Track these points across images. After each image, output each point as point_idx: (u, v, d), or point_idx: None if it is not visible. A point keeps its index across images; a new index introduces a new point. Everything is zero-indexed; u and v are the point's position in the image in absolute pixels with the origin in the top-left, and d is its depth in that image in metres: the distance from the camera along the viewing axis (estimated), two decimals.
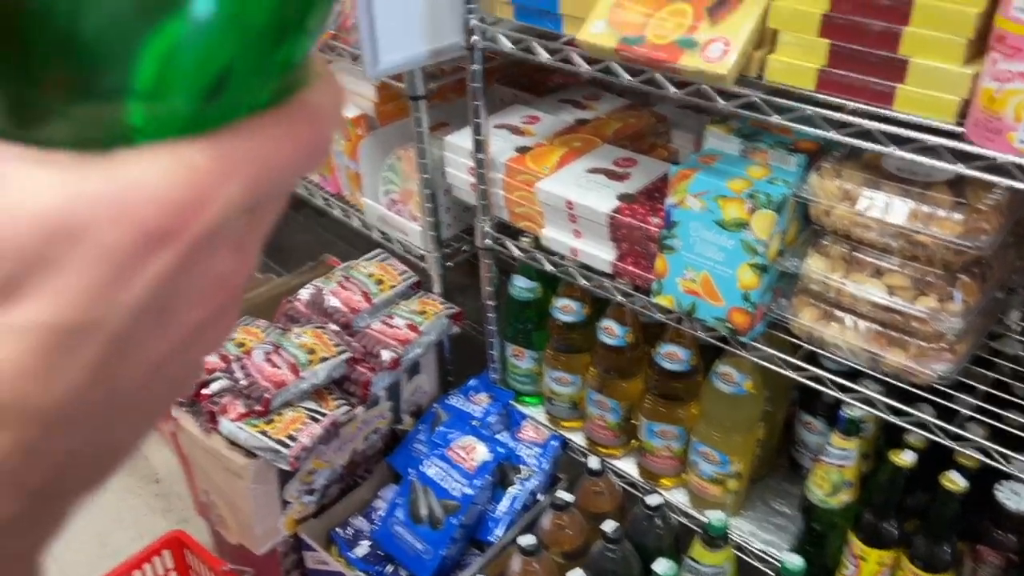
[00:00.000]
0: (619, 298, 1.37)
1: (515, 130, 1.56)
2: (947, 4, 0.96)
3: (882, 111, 1.02)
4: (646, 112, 1.65)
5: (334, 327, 1.59)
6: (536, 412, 1.71)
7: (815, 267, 1.15)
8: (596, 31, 1.19)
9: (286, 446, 1.39)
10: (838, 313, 1.15)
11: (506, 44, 1.33)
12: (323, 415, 1.47)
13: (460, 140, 1.54)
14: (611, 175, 1.42)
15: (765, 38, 1.10)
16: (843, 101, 1.04)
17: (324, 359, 1.50)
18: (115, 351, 0.23)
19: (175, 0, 0.21)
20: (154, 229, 0.22)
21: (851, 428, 1.22)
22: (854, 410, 1.21)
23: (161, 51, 0.22)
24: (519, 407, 1.72)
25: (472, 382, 1.76)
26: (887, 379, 1.15)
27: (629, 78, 1.20)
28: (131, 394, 0.25)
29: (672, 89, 1.16)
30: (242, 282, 0.27)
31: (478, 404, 1.70)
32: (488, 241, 1.56)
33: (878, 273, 1.12)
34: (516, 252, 1.52)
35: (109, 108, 0.22)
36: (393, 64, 1.41)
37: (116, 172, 0.22)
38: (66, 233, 0.21)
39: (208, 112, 0.23)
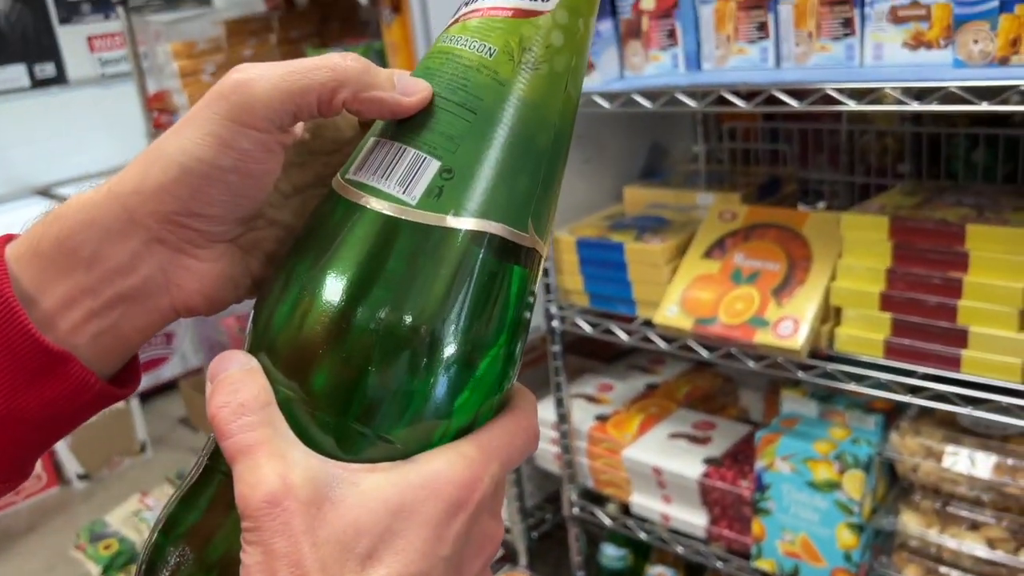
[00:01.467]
0: (716, 563, 1.40)
1: (592, 399, 1.66)
2: (996, 281, 1.07)
3: (952, 375, 1.11)
4: (710, 373, 1.76)
5: None
6: None
7: (911, 524, 1.19)
8: (671, 314, 1.32)
9: None
10: (942, 569, 1.18)
11: (586, 327, 1.46)
12: None
13: (542, 411, 1.63)
14: (693, 439, 1.49)
15: (830, 313, 1.22)
16: (913, 367, 1.14)
17: None
18: None
19: (470, 365, 0.36)
20: (455, 501, 0.35)
21: None
22: None
23: (461, 402, 0.37)
24: None
25: None
26: None
27: (707, 354, 1.31)
28: None
29: (751, 363, 1.26)
30: (500, 538, 0.39)
31: None
32: (576, 510, 1.61)
33: (975, 526, 1.16)
34: (606, 520, 1.57)
35: (424, 430, 0.36)
36: None
37: (423, 468, 0.35)
38: (404, 512, 0.34)
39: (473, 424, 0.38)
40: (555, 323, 1.50)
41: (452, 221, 0.35)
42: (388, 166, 0.37)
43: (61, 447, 2.95)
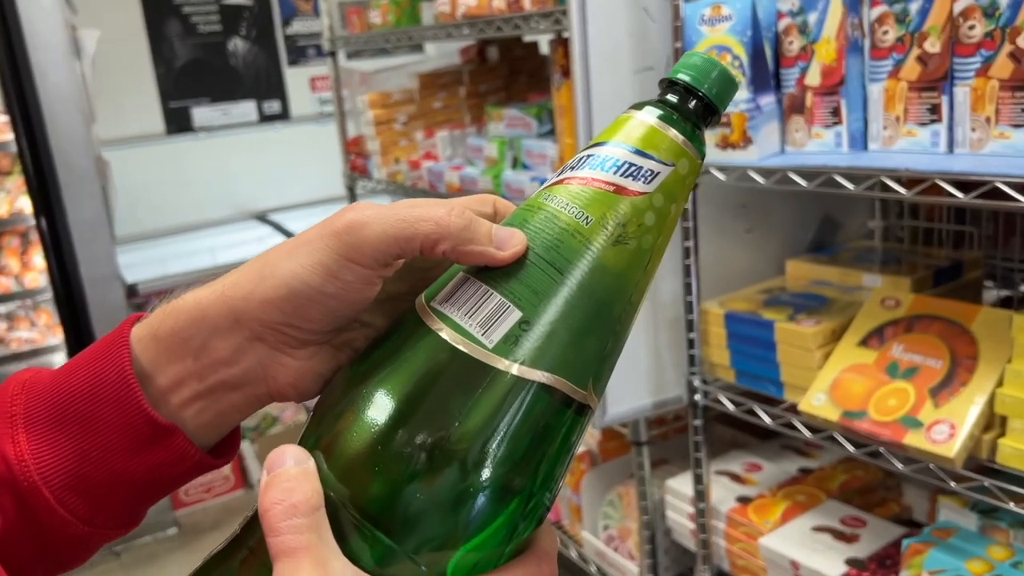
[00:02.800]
0: None
1: (736, 478, 1.60)
2: None
3: None
4: (874, 465, 1.64)
5: None
6: None
7: None
8: (818, 403, 1.25)
9: None
10: None
11: (728, 405, 1.41)
12: None
13: (681, 485, 1.59)
14: (838, 535, 1.40)
15: (994, 421, 1.11)
16: None
17: None
18: None
19: (502, 503, 0.38)
20: None
21: None
22: None
23: (485, 537, 0.38)
24: None
25: None
26: None
27: (853, 449, 1.22)
28: None
29: (899, 465, 1.17)
30: None
31: None
32: None
33: None
34: None
35: (446, 557, 0.38)
36: (619, 416, 1.52)
37: None
38: None
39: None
40: (697, 397, 1.46)
41: (520, 370, 0.38)
42: (473, 305, 0.40)
43: (248, 453, 3.20)
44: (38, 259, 2.95)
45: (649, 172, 0.42)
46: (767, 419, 1.35)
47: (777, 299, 1.45)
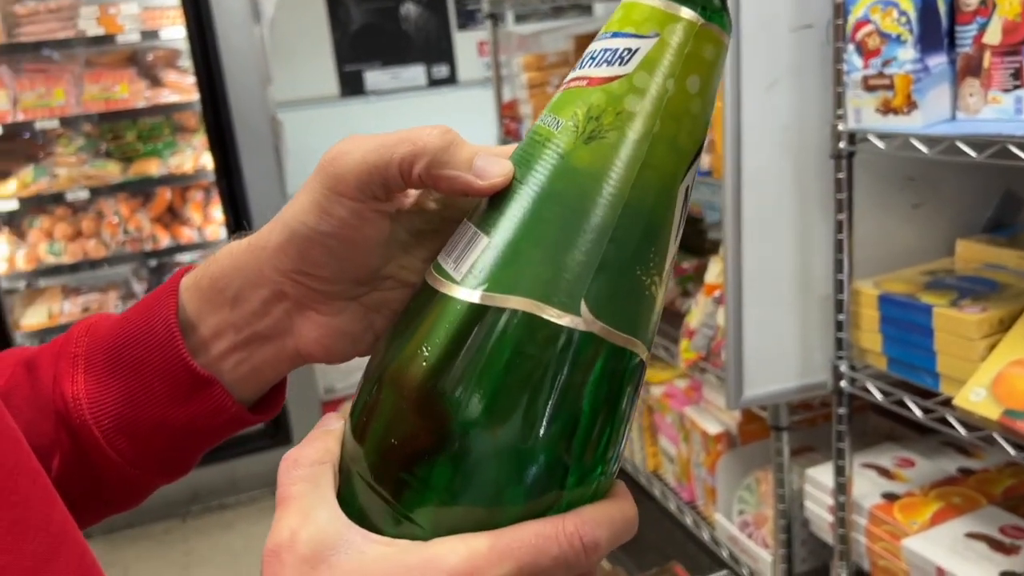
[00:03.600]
0: None
1: (885, 472, 1.48)
2: None
3: None
4: None
5: None
6: None
7: None
8: (977, 398, 1.13)
9: None
10: None
11: (876, 395, 1.30)
12: None
13: (821, 475, 1.49)
14: (995, 545, 1.27)
15: None
16: None
17: None
18: None
19: (501, 453, 0.34)
20: None
21: None
22: None
23: (489, 494, 0.34)
24: None
25: None
26: None
27: (1013, 452, 1.10)
28: None
29: None
30: None
31: None
32: None
33: None
34: None
35: (446, 517, 0.34)
36: (756, 398, 1.44)
37: (424, 551, 0.34)
38: None
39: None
40: (843, 384, 1.35)
41: (481, 296, 0.34)
42: (454, 245, 0.37)
43: None
44: (217, 213, 3.15)
45: (625, 51, 0.36)
46: (918, 412, 1.23)
47: (941, 282, 1.32)
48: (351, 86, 4.01)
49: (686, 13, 0.35)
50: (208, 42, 2.80)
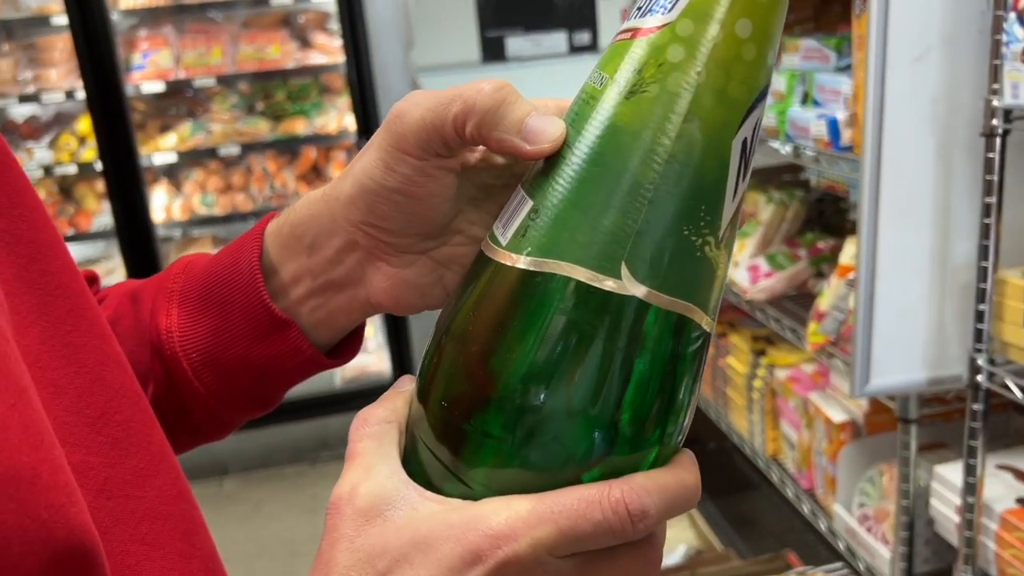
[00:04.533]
0: None
1: (1021, 476, 1.38)
2: None
3: None
4: None
5: None
6: None
7: None
8: None
9: None
10: None
11: (1016, 393, 1.21)
12: None
13: (950, 473, 1.40)
14: None
15: None
16: None
17: None
18: None
19: (545, 422, 0.33)
20: (474, 549, 0.33)
21: None
22: None
23: (539, 459, 0.34)
24: None
25: None
26: None
27: None
28: None
29: None
30: None
31: None
32: None
33: None
34: None
35: (497, 479, 0.35)
36: (883, 387, 1.37)
37: (468, 510, 0.34)
38: (425, 544, 0.34)
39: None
40: (980, 378, 1.27)
41: (523, 261, 0.34)
42: (506, 208, 0.37)
43: None
44: None
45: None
46: None
47: None
48: (492, 52, 4.03)
49: None
50: (355, 6, 2.88)
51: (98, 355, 0.39)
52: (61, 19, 2.80)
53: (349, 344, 0.49)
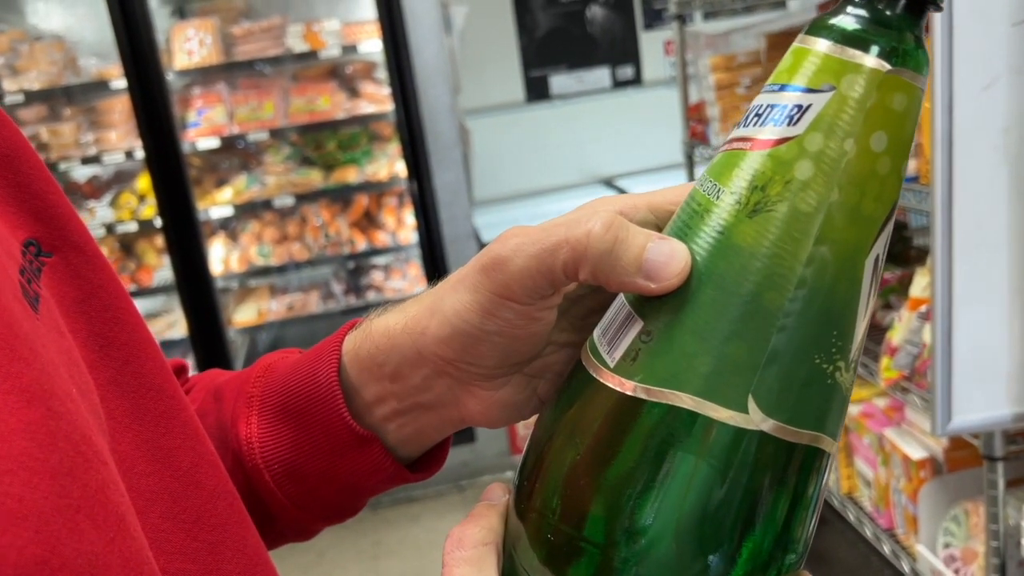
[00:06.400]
0: None
1: None
2: None
3: None
4: None
5: None
6: None
7: None
8: None
9: None
10: None
11: None
12: None
13: None
14: None
15: None
16: None
17: None
18: None
19: (660, 558, 0.31)
20: None
21: None
22: None
23: None
24: None
25: None
26: None
27: None
28: None
29: None
30: None
31: None
32: None
33: None
34: None
35: None
36: (966, 425, 1.32)
37: None
38: None
39: None
40: None
41: (635, 388, 0.31)
42: (609, 325, 0.35)
43: None
44: (409, 218, 3.28)
45: (794, 109, 0.31)
46: None
47: None
48: (536, 91, 4.06)
49: (869, 60, 0.30)
50: (402, 54, 2.92)
51: (192, 456, 0.39)
52: (120, 82, 2.89)
53: (436, 455, 0.48)
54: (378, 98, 3.17)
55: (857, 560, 2.30)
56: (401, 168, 3.14)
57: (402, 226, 3.34)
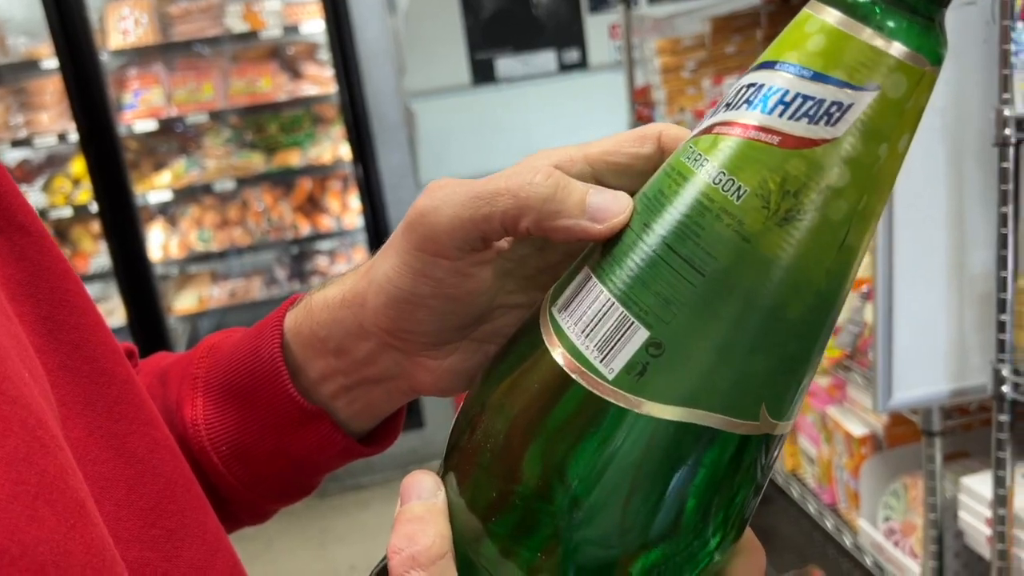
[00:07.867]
0: None
1: None
2: None
3: None
4: None
5: None
6: None
7: None
8: None
9: None
10: None
11: None
12: None
13: (978, 485, 1.39)
14: None
15: None
16: None
17: None
18: None
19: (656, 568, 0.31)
20: None
21: None
22: None
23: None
24: None
25: None
26: None
27: None
28: None
29: None
30: None
31: None
32: None
33: None
34: None
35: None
36: (906, 401, 1.35)
37: None
38: None
39: None
40: (1005, 388, 1.25)
41: (652, 408, 0.29)
42: (591, 318, 0.31)
43: None
44: (354, 201, 3.24)
45: (833, 107, 0.28)
46: None
47: None
48: (482, 74, 4.03)
49: (916, 60, 0.28)
50: (345, 35, 2.87)
51: (147, 442, 0.37)
52: (51, 62, 2.79)
53: (387, 428, 0.47)
54: (321, 79, 3.12)
55: (800, 536, 2.35)
56: (345, 151, 3.10)
57: (347, 210, 3.29)
